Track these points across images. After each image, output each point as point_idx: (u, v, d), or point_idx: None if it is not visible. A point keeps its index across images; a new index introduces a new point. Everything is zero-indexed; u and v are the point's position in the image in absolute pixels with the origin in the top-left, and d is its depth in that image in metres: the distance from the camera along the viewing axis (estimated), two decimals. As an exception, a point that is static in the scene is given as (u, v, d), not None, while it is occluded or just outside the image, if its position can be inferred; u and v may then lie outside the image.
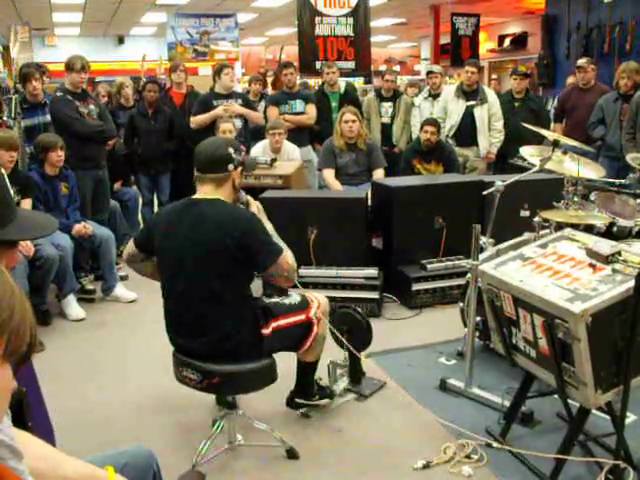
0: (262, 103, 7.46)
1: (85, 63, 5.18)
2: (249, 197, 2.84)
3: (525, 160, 3.67)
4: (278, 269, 2.59)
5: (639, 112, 5.53)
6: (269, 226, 2.76)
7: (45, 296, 4.49)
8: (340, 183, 5.65)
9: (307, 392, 3.10)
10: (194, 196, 2.68)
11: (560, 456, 2.49)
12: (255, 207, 2.81)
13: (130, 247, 2.86)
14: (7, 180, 1.23)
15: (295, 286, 2.92)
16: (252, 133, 6.57)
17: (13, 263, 1.28)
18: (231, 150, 2.63)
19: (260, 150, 5.82)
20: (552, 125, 6.99)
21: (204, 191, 2.65)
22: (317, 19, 8.39)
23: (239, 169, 2.67)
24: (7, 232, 1.18)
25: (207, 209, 2.59)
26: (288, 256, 2.64)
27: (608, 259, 2.40)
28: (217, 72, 6.31)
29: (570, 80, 7.76)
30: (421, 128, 5.90)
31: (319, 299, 2.93)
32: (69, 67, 5.15)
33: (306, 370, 3.04)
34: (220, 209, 2.59)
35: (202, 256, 2.54)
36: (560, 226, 3.10)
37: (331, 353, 3.32)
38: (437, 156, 5.86)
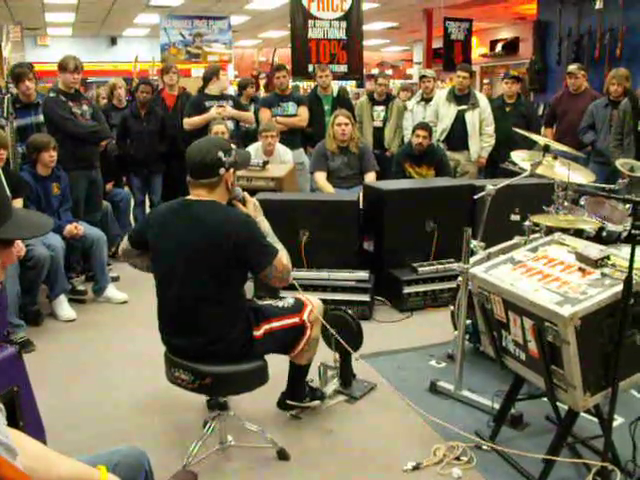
0: (252, 106, 7.47)
1: (78, 63, 5.17)
2: (246, 194, 2.82)
3: (516, 164, 3.69)
4: (273, 270, 2.60)
5: (627, 118, 5.57)
6: (266, 224, 2.75)
7: (36, 296, 4.49)
8: (332, 186, 5.67)
9: (298, 394, 3.11)
10: (188, 197, 2.67)
11: (549, 457, 2.51)
12: (252, 204, 2.79)
13: (124, 244, 2.85)
14: (3, 178, 1.23)
15: (294, 287, 2.93)
16: (244, 136, 6.58)
17: (10, 262, 1.28)
18: (221, 154, 2.59)
19: (252, 153, 5.81)
20: (543, 130, 7.03)
21: (196, 194, 2.64)
22: (310, 22, 8.40)
23: (231, 170, 2.66)
24: (4, 231, 1.19)
25: (202, 211, 2.59)
26: (283, 257, 2.64)
27: (597, 263, 2.43)
28: (215, 73, 6.35)
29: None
30: (413, 132, 5.93)
31: (313, 302, 2.94)
32: (62, 67, 5.14)
33: (298, 373, 3.04)
34: (215, 211, 2.59)
35: (196, 257, 2.54)
36: (550, 230, 3.13)
37: (322, 355, 3.33)
38: (428, 160, 5.89)
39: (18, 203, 4.36)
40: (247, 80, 8.49)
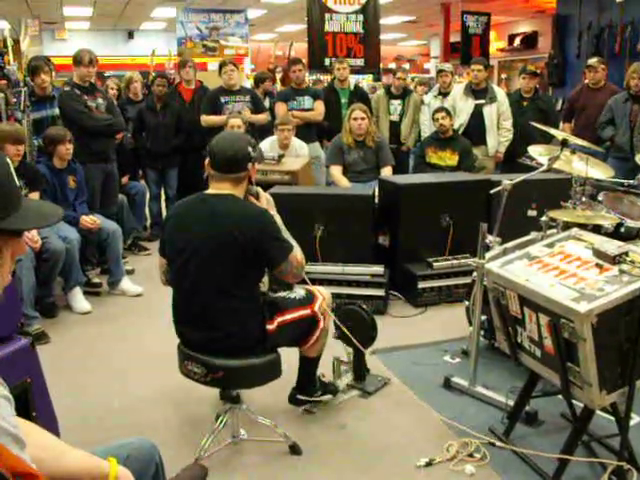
0: (267, 100, 7.46)
1: (93, 57, 5.19)
2: (259, 188, 2.82)
3: (533, 159, 3.66)
4: (288, 266, 2.59)
5: None
6: (278, 219, 2.74)
7: (51, 289, 4.52)
8: (348, 180, 5.65)
9: (309, 388, 3.10)
10: (206, 191, 2.67)
11: (563, 456, 2.48)
12: (265, 199, 2.79)
13: (160, 263, 2.81)
14: (12, 169, 1.22)
15: (304, 281, 2.92)
16: (259, 129, 6.57)
17: (19, 253, 1.27)
18: (250, 149, 2.62)
19: (268, 146, 5.82)
20: (561, 125, 6.96)
21: (220, 188, 2.63)
22: (327, 16, 8.38)
23: (255, 164, 2.68)
24: (11, 221, 1.18)
25: (219, 204, 2.59)
26: (298, 253, 2.64)
27: (615, 259, 2.39)
28: (219, 69, 6.39)
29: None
30: (433, 118, 6.03)
31: (323, 294, 2.93)
32: (77, 61, 5.16)
33: (309, 365, 3.04)
34: (232, 205, 2.59)
35: (212, 251, 2.53)
36: (567, 226, 3.09)
37: (335, 349, 3.32)
38: (453, 145, 5.94)
39: (35, 196, 4.40)
40: (265, 75, 8.46)
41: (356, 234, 4.64)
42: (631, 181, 3.88)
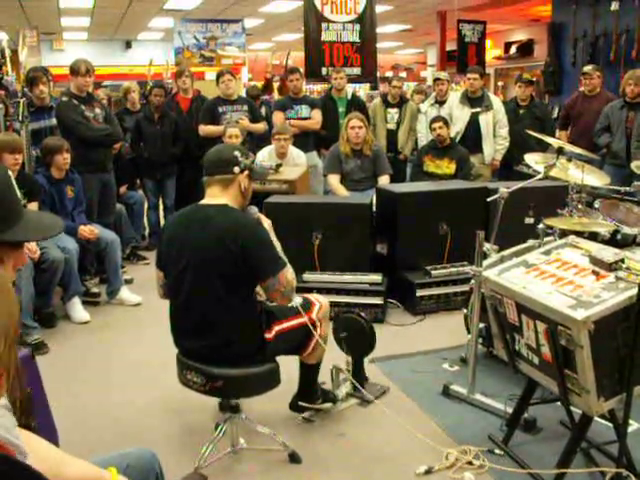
0: (263, 109, 7.49)
1: (90, 67, 5.21)
2: (261, 215, 2.84)
3: (530, 167, 3.67)
4: (276, 283, 2.57)
5: None
6: (278, 246, 2.73)
7: (50, 298, 4.52)
8: (346, 189, 5.66)
9: (311, 395, 3.11)
10: (201, 202, 2.69)
11: (562, 469, 2.48)
12: (267, 225, 2.80)
13: (157, 276, 2.81)
14: (13, 181, 1.24)
15: (302, 289, 2.92)
16: (257, 138, 6.59)
17: (20, 264, 1.29)
18: (237, 153, 2.67)
19: (266, 155, 5.85)
20: (557, 132, 6.98)
21: (211, 195, 2.66)
22: (323, 25, 8.40)
23: (246, 173, 2.68)
24: (13, 233, 1.19)
25: (213, 214, 2.60)
26: (288, 272, 2.62)
27: (611, 266, 2.41)
28: (216, 79, 6.42)
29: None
30: (430, 128, 6.06)
31: (320, 301, 2.95)
32: (74, 71, 5.17)
33: (309, 372, 3.04)
34: (226, 214, 2.60)
35: (207, 260, 2.54)
36: (564, 233, 3.10)
37: (334, 358, 3.33)
38: (451, 154, 5.96)
39: (33, 206, 4.40)
40: (256, 91, 8.50)
41: (354, 242, 4.65)
42: (627, 188, 3.89)
